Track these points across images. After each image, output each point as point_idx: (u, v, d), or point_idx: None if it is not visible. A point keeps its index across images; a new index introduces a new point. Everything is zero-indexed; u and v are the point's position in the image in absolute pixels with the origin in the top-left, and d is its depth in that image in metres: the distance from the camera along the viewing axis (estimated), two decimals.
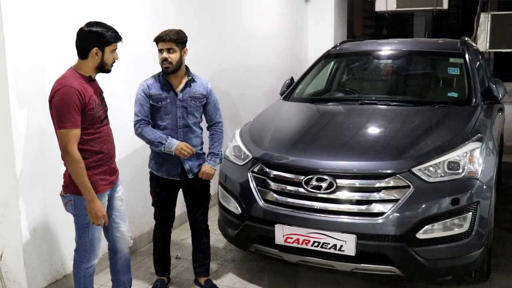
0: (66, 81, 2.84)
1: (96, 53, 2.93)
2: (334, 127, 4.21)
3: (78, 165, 2.85)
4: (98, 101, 3.00)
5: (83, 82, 2.89)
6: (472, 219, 3.30)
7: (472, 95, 4.35)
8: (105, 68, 3.03)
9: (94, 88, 3.02)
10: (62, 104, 2.79)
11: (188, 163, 3.55)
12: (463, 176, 3.37)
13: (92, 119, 2.93)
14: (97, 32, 2.91)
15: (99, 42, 2.92)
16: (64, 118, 2.80)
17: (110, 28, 2.97)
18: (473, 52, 5.17)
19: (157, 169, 3.62)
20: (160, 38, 3.42)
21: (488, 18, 7.50)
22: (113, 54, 3.02)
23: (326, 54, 5.49)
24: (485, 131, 3.83)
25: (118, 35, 3.01)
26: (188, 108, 3.52)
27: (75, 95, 2.80)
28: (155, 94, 3.50)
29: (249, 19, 6.53)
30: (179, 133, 3.52)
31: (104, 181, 3.05)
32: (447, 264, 3.32)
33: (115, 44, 3.01)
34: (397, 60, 5.29)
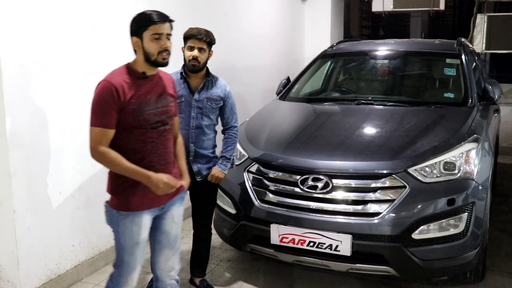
0: (108, 76, 2.55)
1: (136, 43, 2.57)
2: (330, 127, 4.21)
3: (108, 160, 2.52)
4: (152, 102, 2.60)
5: (129, 79, 2.55)
6: (468, 220, 3.30)
7: (468, 96, 4.36)
8: (151, 60, 2.56)
9: (150, 86, 2.62)
10: (95, 100, 2.52)
11: (196, 165, 3.42)
12: (459, 176, 3.37)
13: (134, 120, 2.53)
14: (133, 20, 2.59)
15: (135, 29, 2.57)
16: (94, 114, 2.52)
17: (149, 11, 2.56)
18: (469, 53, 5.18)
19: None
20: (194, 36, 3.30)
21: (485, 19, 7.51)
22: (157, 41, 2.53)
23: (322, 54, 5.49)
24: (481, 132, 3.83)
25: (156, 16, 2.53)
26: (203, 109, 3.40)
27: (111, 91, 2.48)
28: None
29: (246, 19, 6.52)
30: (190, 134, 3.38)
31: (141, 199, 2.61)
32: (443, 264, 3.33)
33: (154, 28, 2.51)
34: (394, 60, 5.30)
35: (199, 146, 3.40)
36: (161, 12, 2.58)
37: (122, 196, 2.61)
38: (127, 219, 2.62)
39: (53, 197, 3.66)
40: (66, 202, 3.76)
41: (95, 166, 4.00)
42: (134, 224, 2.63)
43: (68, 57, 3.67)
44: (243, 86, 6.31)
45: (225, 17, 5.92)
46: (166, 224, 2.78)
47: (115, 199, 2.63)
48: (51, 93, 3.54)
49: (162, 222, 2.77)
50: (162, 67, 2.64)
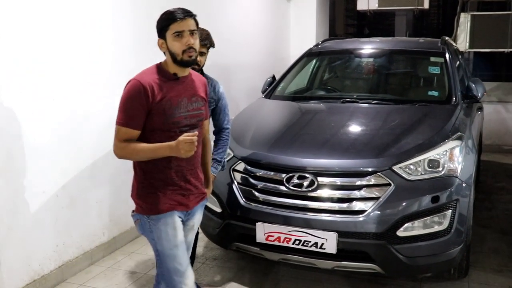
0: (138, 75, 2.46)
1: (162, 45, 2.49)
2: (315, 125, 4.21)
3: (130, 152, 2.43)
4: (182, 105, 2.50)
5: (160, 79, 2.45)
6: (452, 217, 3.33)
7: (452, 94, 4.39)
8: (178, 60, 2.45)
9: (181, 88, 2.52)
10: (124, 98, 2.43)
11: None
12: (443, 174, 3.39)
13: (163, 123, 2.44)
14: (157, 22, 2.49)
15: (158, 30, 2.48)
16: (120, 113, 2.43)
17: (170, 9, 2.46)
18: (453, 52, 5.22)
19: None
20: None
21: (468, 18, 7.58)
22: (180, 38, 2.42)
23: (308, 52, 5.50)
24: (465, 129, 3.86)
25: (176, 13, 2.43)
26: None
27: (140, 91, 2.38)
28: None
29: (231, 17, 6.51)
30: None
31: (171, 201, 2.54)
32: (427, 261, 3.35)
33: (174, 26, 2.41)
34: (379, 58, 5.32)
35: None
36: (183, 8, 2.47)
37: (152, 199, 2.51)
38: (160, 223, 2.51)
39: (36, 197, 3.62)
40: (50, 201, 3.73)
41: (79, 165, 4.01)
42: (168, 226, 2.52)
43: (51, 54, 3.64)
44: (228, 84, 6.29)
45: (210, 16, 5.90)
46: (185, 230, 2.68)
47: (143, 204, 2.54)
48: (32, 91, 3.50)
49: (184, 228, 2.67)
50: (190, 66, 2.54)
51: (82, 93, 3.95)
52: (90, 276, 4.01)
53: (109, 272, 4.08)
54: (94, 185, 4.20)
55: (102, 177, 4.27)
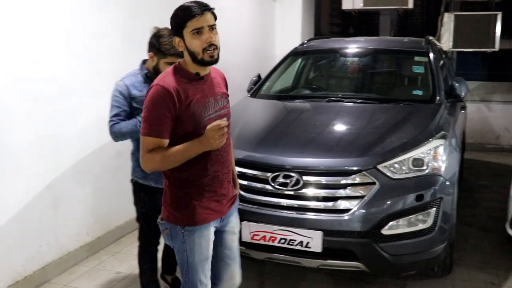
0: (159, 79, 2.28)
1: (179, 44, 2.31)
2: (301, 124, 4.22)
3: (158, 160, 2.25)
4: (211, 106, 2.36)
5: (183, 81, 2.28)
6: (436, 215, 3.35)
7: (436, 93, 4.43)
8: (198, 59, 2.27)
9: (206, 88, 2.37)
10: (148, 106, 2.24)
11: None
12: (427, 172, 3.42)
13: (194, 128, 2.27)
14: (171, 19, 2.32)
15: (175, 29, 2.30)
16: (145, 122, 2.25)
17: (185, 5, 2.27)
18: (437, 51, 5.26)
19: (144, 177, 3.19)
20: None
21: (452, 18, 7.64)
22: (199, 36, 2.23)
23: (293, 51, 5.50)
24: (449, 128, 3.89)
25: (192, 8, 2.23)
26: None
27: (164, 96, 2.20)
28: (138, 95, 3.06)
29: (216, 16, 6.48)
30: None
31: (207, 211, 2.40)
32: (412, 259, 3.37)
33: (192, 23, 2.22)
34: (364, 58, 5.34)
35: None
36: (199, 1, 2.28)
37: (188, 209, 2.37)
38: (195, 235, 2.39)
39: (19, 197, 3.58)
40: (33, 202, 3.69)
41: (62, 165, 3.97)
42: (203, 238, 2.41)
43: (32, 54, 3.60)
44: None
45: None
46: (227, 238, 2.59)
47: (179, 214, 2.38)
48: (13, 91, 3.46)
49: (224, 236, 2.58)
50: (212, 65, 2.35)
51: (64, 92, 3.92)
52: (74, 276, 3.98)
53: (94, 273, 4.05)
54: (78, 185, 4.16)
55: (85, 176, 4.24)
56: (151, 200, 3.23)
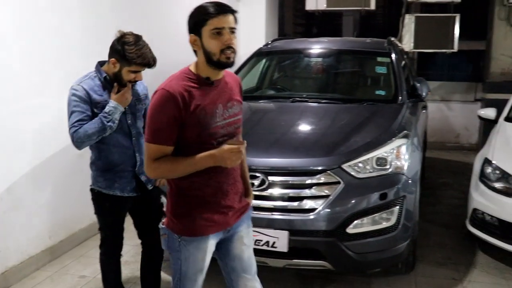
0: (166, 83, 2.17)
1: (195, 42, 2.19)
2: (266, 125, 4.23)
3: (165, 170, 2.19)
4: (218, 113, 2.23)
5: (191, 86, 2.16)
6: (399, 213, 3.42)
7: (398, 93, 4.51)
8: (214, 60, 2.15)
9: (216, 94, 2.24)
10: (152, 112, 2.14)
11: (143, 174, 3.05)
12: (390, 171, 3.48)
13: (198, 135, 2.17)
14: (189, 15, 2.21)
15: (192, 24, 2.18)
16: (149, 128, 2.16)
17: (207, 3, 2.18)
18: (399, 52, 5.36)
19: (109, 187, 3.02)
20: (147, 65, 2.88)
21: (412, 20, 7.79)
22: (218, 36, 2.13)
23: (257, 52, 5.51)
24: (411, 128, 3.97)
25: (216, 7, 2.14)
26: (136, 112, 3.06)
27: (169, 102, 2.10)
28: (99, 100, 2.88)
29: (176, 15, 6.40)
30: (133, 143, 3.03)
31: (208, 223, 2.29)
32: (376, 257, 3.42)
33: (213, 22, 2.12)
34: (328, 58, 5.39)
35: (142, 152, 3.03)
36: (222, 2, 2.20)
37: (187, 219, 2.29)
38: (191, 245, 2.30)
39: None
40: None
41: (23, 167, 3.88)
42: (199, 250, 2.32)
43: None
44: None
45: (152, 13, 5.80)
46: (235, 248, 2.46)
47: (178, 223, 2.30)
48: None
49: (231, 246, 2.45)
50: (227, 68, 2.23)
51: (21, 93, 3.82)
52: (36, 281, 3.89)
53: (56, 277, 3.97)
54: (40, 187, 4.07)
55: (47, 179, 4.15)
56: (117, 210, 3.11)
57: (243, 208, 2.45)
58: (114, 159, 2.99)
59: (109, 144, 2.96)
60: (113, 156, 2.99)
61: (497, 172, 4.15)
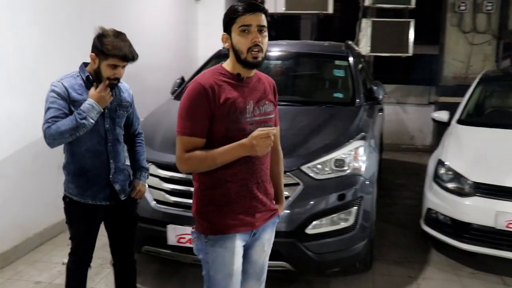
0: (199, 77, 2.18)
1: (226, 40, 2.21)
2: None
3: (197, 162, 2.14)
4: (248, 110, 2.21)
5: (223, 81, 2.16)
6: (357, 213, 3.48)
7: (356, 96, 4.59)
8: (241, 58, 2.15)
9: (247, 91, 2.23)
10: (184, 104, 2.15)
11: (118, 183, 2.94)
12: (348, 173, 3.54)
13: (227, 129, 2.14)
14: (224, 14, 2.22)
15: (224, 24, 2.20)
16: (182, 120, 2.16)
17: (241, 2, 2.17)
18: (356, 55, 5.46)
19: (80, 194, 2.88)
20: (125, 59, 2.75)
21: (369, 24, 7.95)
22: (246, 34, 2.13)
23: (217, 54, 5.50)
24: (368, 130, 4.05)
25: (245, 6, 2.14)
26: (116, 118, 2.93)
27: (201, 94, 2.11)
28: (78, 99, 2.75)
29: (136, 16, 6.36)
30: (108, 149, 2.88)
31: (233, 221, 2.23)
32: (335, 256, 3.48)
33: (241, 19, 2.13)
34: (287, 61, 5.44)
35: (117, 160, 2.95)
36: (254, 2, 2.17)
37: (211, 216, 2.23)
38: (217, 244, 2.23)
39: None
40: None
41: None
42: (226, 250, 2.23)
43: None
44: (135, 86, 6.15)
45: (112, 14, 5.72)
46: (255, 253, 2.40)
47: (202, 222, 2.25)
48: None
49: (251, 251, 2.38)
50: (254, 67, 2.22)
51: None
52: None
53: (9, 284, 3.85)
54: None
55: (1, 181, 4.03)
56: (89, 219, 2.95)
57: (270, 212, 2.38)
58: (86, 164, 2.84)
59: (83, 147, 2.82)
60: (86, 161, 2.84)
61: (449, 173, 4.29)
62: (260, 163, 2.28)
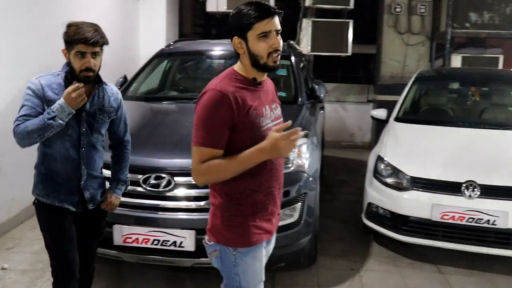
0: (215, 84, 2.07)
1: (239, 45, 2.11)
2: (170, 125, 4.23)
3: (215, 171, 2.05)
4: (267, 115, 2.16)
5: (241, 86, 2.08)
6: (301, 209, 3.56)
7: (298, 94, 4.69)
8: (260, 64, 2.08)
9: (263, 95, 2.16)
10: (203, 113, 2.03)
11: (89, 191, 2.75)
12: (293, 169, 3.62)
13: (251, 138, 2.05)
14: (233, 16, 2.12)
15: (236, 27, 2.09)
16: (201, 130, 2.03)
17: (252, 5, 2.07)
18: (298, 55, 5.56)
19: (47, 195, 2.69)
20: (84, 41, 2.51)
21: (309, 24, 8.11)
22: (266, 39, 2.05)
23: (159, 53, 5.48)
24: (310, 128, 4.15)
25: (262, 10, 2.05)
26: (94, 123, 2.71)
27: (223, 102, 2.00)
28: (53, 98, 2.57)
29: (74, 14, 6.20)
30: (81, 154, 2.68)
31: (259, 230, 2.18)
32: (281, 252, 3.50)
33: (260, 26, 2.04)
34: (230, 60, 5.46)
35: (91, 167, 2.74)
36: (266, 4, 2.09)
37: (242, 229, 2.14)
38: (248, 256, 2.17)
39: None
40: None
41: None
42: (256, 260, 2.20)
43: None
44: None
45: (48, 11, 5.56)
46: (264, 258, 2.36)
47: (230, 235, 2.15)
48: None
49: None
50: (274, 71, 2.16)
51: None
52: None
53: None
54: None
55: None
56: (58, 221, 2.71)
57: (279, 215, 2.37)
58: (56, 168, 2.67)
59: (54, 150, 2.64)
60: (56, 164, 2.66)
61: (388, 169, 4.45)
62: (280, 168, 2.25)
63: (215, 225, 2.19)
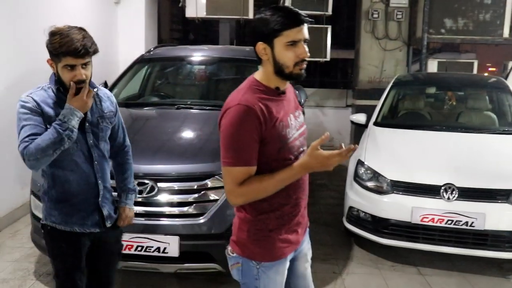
0: (239, 96, 1.96)
1: (264, 51, 1.99)
2: (152, 132, 4.23)
3: (254, 192, 1.96)
4: (293, 125, 2.06)
5: (265, 98, 1.97)
6: None
7: None
8: (285, 72, 1.98)
9: (286, 105, 2.06)
10: (231, 130, 1.92)
11: (106, 207, 2.55)
12: None
13: (279, 151, 1.98)
14: (259, 21, 1.99)
15: (263, 32, 1.97)
16: (231, 149, 1.93)
17: (281, 10, 1.97)
18: None
19: (65, 222, 2.46)
20: (74, 53, 2.30)
21: None
22: (294, 48, 1.95)
23: (140, 59, 5.48)
24: None
25: (292, 18, 1.94)
26: (100, 132, 2.52)
27: (251, 117, 1.90)
28: (51, 114, 2.37)
29: (50, 18, 6.12)
30: (95, 168, 2.49)
31: (285, 244, 2.11)
32: None
33: (290, 34, 1.93)
34: (210, 66, 5.51)
35: (105, 180, 2.56)
36: (295, 10, 1.98)
37: (267, 243, 2.08)
38: (271, 271, 2.10)
39: None
40: None
41: None
42: (279, 275, 2.14)
43: None
44: None
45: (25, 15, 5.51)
46: (300, 265, 2.29)
47: (255, 248, 2.08)
48: None
49: (296, 264, 2.27)
50: (298, 80, 2.06)
51: None
52: None
53: None
54: None
55: None
56: (75, 250, 2.51)
57: (306, 223, 2.30)
58: (71, 188, 2.45)
59: (66, 169, 2.43)
60: (71, 184, 2.44)
61: (369, 172, 4.51)
62: (306, 178, 2.19)
63: (241, 238, 2.12)
